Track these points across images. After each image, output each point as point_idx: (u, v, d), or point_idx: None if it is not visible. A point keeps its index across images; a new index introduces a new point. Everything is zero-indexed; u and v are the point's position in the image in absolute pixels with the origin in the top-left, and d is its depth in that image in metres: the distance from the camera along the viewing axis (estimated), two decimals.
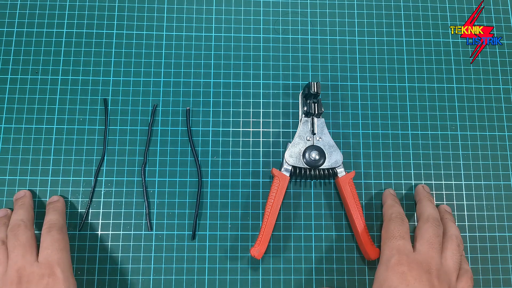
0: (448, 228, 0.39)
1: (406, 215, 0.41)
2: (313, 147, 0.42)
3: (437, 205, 0.44)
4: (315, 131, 0.42)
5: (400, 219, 0.39)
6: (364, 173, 0.45)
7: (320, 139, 0.42)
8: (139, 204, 0.43)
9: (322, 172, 0.42)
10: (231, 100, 0.47)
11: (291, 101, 0.47)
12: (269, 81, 0.47)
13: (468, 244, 0.44)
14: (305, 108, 0.43)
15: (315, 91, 0.41)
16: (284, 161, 0.42)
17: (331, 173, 0.42)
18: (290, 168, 0.41)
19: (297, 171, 0.42)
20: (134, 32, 0.48)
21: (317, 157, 0.41)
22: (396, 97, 0.48)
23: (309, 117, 0.43)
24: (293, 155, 0.41)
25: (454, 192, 0.45)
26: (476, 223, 0.45)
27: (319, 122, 0.43)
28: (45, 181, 0.44)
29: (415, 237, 0.38)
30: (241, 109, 0.46)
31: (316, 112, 0.42)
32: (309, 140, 0.42)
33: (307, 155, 0.41)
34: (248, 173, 0.45)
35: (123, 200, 0.44)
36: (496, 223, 0.45)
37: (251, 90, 0.47)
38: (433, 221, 0.38)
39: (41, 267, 0.35)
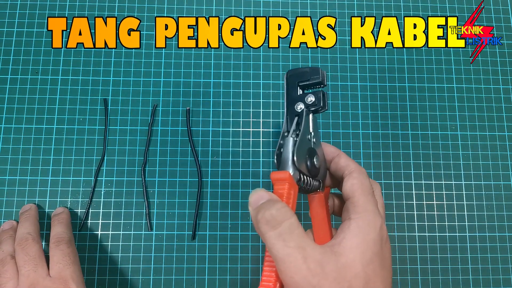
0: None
1: (402, 215, 0.40)
2: (314, 151, 0.31)
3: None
4: (311, 130, 0.32)
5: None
6: None
7: (314, 140, 0.32)
8: (139, 204, 0.43)
9: (313, 184, 0.31)
10: (231, 100, 0.47)
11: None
12: (269, 81, 0.47)
13: (468, 244, 0.44)
14: (311, 99, 0.32)
15: (324, 81, 0.32)
16: (290, 162, 0.29)
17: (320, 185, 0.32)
18: (298, 174, 0.29)
19: (302, 179, 0.29)
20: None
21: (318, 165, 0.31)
22: (396, 97, 0.48)
23: (310, 112, 0.32)
24: (300, 157, 0.29)
25: (454, 192, 0.45)
26: (476, 223, 0.45)
27: (313, 118, 0.32)
28: (45, 181, 0.44)
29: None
30: (241, 109, 0.46)
31: (324, 104, 0.32)
32: (309, 141, 0.31)
33: (309, 160, 0.30)
34: (248, 173, 0.45)
35: (123, 200, 0.44)
36: (496, 223, 0.45)
37: (251, 90, 0.47)
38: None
39: (54, 281, 0.34)
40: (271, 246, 0.25)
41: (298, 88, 0.33)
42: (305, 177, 0.29)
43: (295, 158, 0.28)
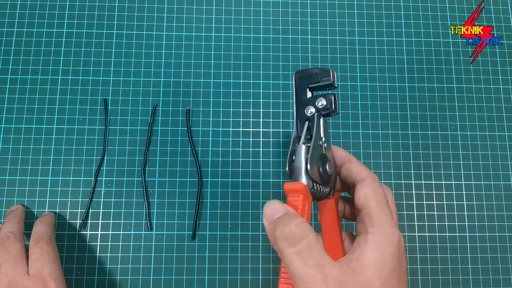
0: None
1: (402, 215, 0.40)
2: (326, 158, 0.30)
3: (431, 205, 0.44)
4: (322, 135, 0.30)
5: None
6: None
7: (325, 145, 0.30)
8: (139, 204, 0.43)
9: (324, 192, 0.30)
10: (231, 100, 0.47)
11: (291, 101, 0.47)
12: (269, 81, 0.47)
13: (468, 244, 0.44)
14: (323, 103, 0.30)
15: (335, 82, 0.31)
16: (304, 172, 0.28)
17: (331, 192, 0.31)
18: (311, 183, 0.28)
19: (314, 187, 0.28)
20: (134, 32, 0.48)
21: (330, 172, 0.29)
22: (396, 97, 0.48)
23: (321, 116, 0.31)
24: (313, 165, 0.28)
25: (454, 192, 0.45)
26: (476, 223, 0.45)
27: (323, 121, 0.31)
28: (45, 181, 0.44)
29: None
30: (241, 109, 0.46)
31: (336, 108, 0.30)
32: (321, 146, 0.30)
33: (321, 167, 0.29)
34: (248, 173, 0.45)
35: (123, 200, 0.43)
36: (496, 223, 0.45)
37: (251, 90, 0.47)
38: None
39: (33, 280, 0.34)
40: (289, 264, 0.24)
41: (308, 90, 0.31)
42: (317, 185, 0.28)
43: (308, 166, 0.27)
